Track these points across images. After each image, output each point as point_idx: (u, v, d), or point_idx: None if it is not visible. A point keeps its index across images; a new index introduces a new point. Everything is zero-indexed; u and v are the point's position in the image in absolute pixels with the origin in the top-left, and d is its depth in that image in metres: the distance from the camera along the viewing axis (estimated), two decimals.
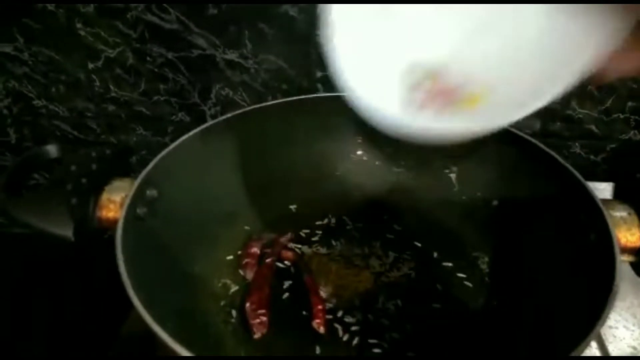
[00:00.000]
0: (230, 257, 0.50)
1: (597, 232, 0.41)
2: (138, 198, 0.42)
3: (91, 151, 0.44)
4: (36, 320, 0.70)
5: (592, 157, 0.70)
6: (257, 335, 0.42)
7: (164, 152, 0.47)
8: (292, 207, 0.56)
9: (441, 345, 0.42)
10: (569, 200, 0.44)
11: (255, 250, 0.50)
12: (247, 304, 0.44)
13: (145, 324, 0.47)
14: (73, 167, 0.42)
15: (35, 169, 0.45)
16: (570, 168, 0.45)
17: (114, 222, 0.42)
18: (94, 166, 0.43)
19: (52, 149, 0.45)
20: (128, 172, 0.47)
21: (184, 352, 0.31)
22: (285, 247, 0.51)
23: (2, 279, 0.75)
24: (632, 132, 0.67)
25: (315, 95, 0.61)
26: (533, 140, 0.49)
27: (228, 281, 0.48)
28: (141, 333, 0.49)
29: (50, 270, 0.80)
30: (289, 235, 0.52)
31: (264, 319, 0.43)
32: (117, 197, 0.43)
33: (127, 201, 0.41)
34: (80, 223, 0.41)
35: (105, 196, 0.43)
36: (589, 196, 0.42)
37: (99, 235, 0.44)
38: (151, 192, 0.44)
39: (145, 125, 0.72)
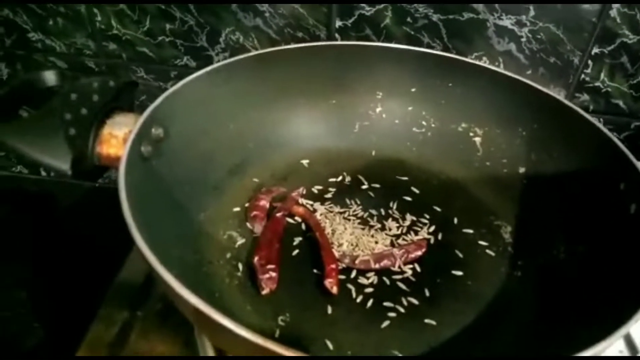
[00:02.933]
0: (237, 209, 0.47)
1: (638, 203, 0.38)
2: (143, 135, 0.39)
3: (93, 81, 0.40)
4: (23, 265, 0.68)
5: (615, 134, 0.66)
6: (265, 291, 0.39)
7: (171, 90, 0.43)
8: (304, 161, 0.52)
9: (462, 314, 0.40)
10: (607, 168, 0.42)
11: (265, 203, 0.47)
12: (256, 259, 0.41)
13: (142, 270, 0.44)
14: (73, 96, 0.38)
15: (30, 96, 0.41)
16: (608, 133, 0.42)
17: (115, 159, 0.39)
18: (95, 97, 0.39)
19: (50, 76, 0.41)
20: (132, 107, 0.43)
21: (190, 296, 0.28)
22: (297, 203, 0.48)
23: None
24: None
25: (334, 42, 0.57)
26: (566, 102, 0.46)
27: (234, 233, 0.44)
28: (135, 283, 0.46)
29: (40, 216, 0.77)
30: (301, 189, 0.49)
31: (274, 274, 0.40)
32: (120, 133, 0.39)
33: (132, 136, 0.37)
34: (78, 156, 0.37)
35: (106, 130, 0.39)
36: (629, 163, 0.39)
37: (97, 173, 0.40)
38: (157, 131, 0.41)
39: (148, 68, 0.67)
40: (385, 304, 0.40)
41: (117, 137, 0.39)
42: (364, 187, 0.50)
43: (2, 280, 0.68)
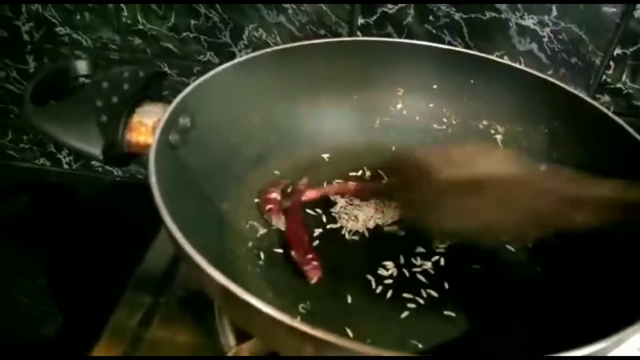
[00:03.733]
0: (259, 200, 0.47)
1: None
2: (171, 123, 0.40)
3: (124, 70, 0.41)
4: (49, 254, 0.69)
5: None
6: (313, 281, 0.40)
7: (199, 80, 0.44)
8: (325, 155, 0.53)
9: (481, 307, 0.40)
10: (628, 164, 0.42)
11: (276, 195, 0.47)
12: (293, 253, 0.42)
13: (166, 258, 0.45)
14: (104, 84, 0.39)
15: (63, 84, 0.42)
16: (632, 131, 0.43)
17: (144, 146, 0.40)
18: (126, 86, 0.40)
19: (82, 65, 0.42)
20: (161, 97, 0.44)
21: (218, 275, 0.28)
22: (302, 192, 0.48)
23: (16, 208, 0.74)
24: None
25: (357, 38, 0.57)
26: (589, 100, 0.46)
27: (256, 223, 0.45)
28: (159, 270, 0.47)
29: (62, 207, 0.78)
30: (305, 180, 0.49)
31: (316, 263, 0.41)
32: (149, 121, 0.40)
33: (161, 124, 0.38)
34: (109, 143, 0.38)
35: (136, 119, 0.40)
36: None
37: (126, 159, 0.41)
38: (184, 120, 0.41)
39: (171, 63, 0.68)
40: (405, 295, 0.40)
41: (146, 125, 0.40)
42: (384, 182, 0.51)
43: (24, 267, 0.69)
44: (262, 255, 0.43)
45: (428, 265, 0.43)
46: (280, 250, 0.43)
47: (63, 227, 0.76)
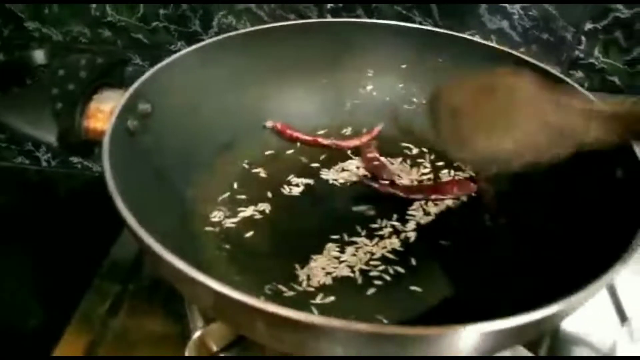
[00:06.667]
0: (226, 186, 0.47)
1: (624, 168, 0.38)
2: (129, 109, 0.39)
3: (81, 57, 0.41)
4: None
5: None
6: None
7: (159, 65, 0.43)
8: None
9: (447, 281, 0.40)
10: None
11: (375, 154, 0.50)
12: None
13: (135, 244, 0.44)
14: (60, 72, 0.39)
15: (19, 74, 0.41)
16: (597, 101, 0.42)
17: (102, 133, 0.39)
18: (83, 73, 0.40)
19: (39, 54, 0.42)
20: (121, 84, 0.43)
21: (178, 262, 0.28)
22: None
23: None
24: None
25: (325, 19, 0.57)
26: (562, 76, 0.46)
27: (223, 208, 0.45)
28: (128, 257, 0.47)
29: (41, 204, 0.78)
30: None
31: None
32: (107, 107, 0.40)
33: (117, 110, 0.38)
34: (65, 130, 0.37)
35: (94, 105, 0.40)
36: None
37: (87, 148, 0.41)
38: (144, 106, 0.41)
39: (142, 54, 0.68)
40: (372, 273, 0.40)
41: (103, 112, 0.39)
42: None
43: (5, 264, 0.69)
44: (228, 239, 0.42)
45: (396, 242, 0.42)
46: (248, 234, 0.43)
47: (44, 223, 0.76)
